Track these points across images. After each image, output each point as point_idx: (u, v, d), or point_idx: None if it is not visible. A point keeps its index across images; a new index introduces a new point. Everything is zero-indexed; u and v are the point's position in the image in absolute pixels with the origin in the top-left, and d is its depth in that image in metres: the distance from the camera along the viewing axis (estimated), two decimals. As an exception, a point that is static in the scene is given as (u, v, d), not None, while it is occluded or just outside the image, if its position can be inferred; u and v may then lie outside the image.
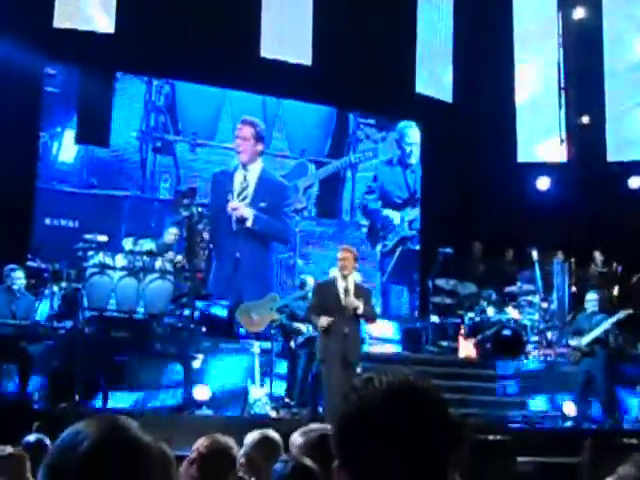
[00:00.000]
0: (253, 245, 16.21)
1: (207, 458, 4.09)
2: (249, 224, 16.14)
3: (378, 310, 17.11)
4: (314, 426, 4.19)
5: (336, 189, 18.27)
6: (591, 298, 13.26)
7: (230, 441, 4.30)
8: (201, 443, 4.15)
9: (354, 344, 10.29)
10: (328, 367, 10.19)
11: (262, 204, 16.31)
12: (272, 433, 5.34)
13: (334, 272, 11.00)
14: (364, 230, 18.24)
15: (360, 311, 10.21)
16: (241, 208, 16.08)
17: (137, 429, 1.72)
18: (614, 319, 13.01)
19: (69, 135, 15.94)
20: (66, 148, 16.05)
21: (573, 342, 13.04)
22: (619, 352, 13.92)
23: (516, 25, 18.24)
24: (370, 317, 10.81)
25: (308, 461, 3.73)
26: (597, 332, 12.82)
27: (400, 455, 1.69)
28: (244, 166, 16.33)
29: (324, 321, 10.13)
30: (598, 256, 16.39)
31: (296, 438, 4.27)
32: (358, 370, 11.08)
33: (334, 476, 1.78)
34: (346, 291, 10.24)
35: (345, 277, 10.32)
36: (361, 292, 10.48)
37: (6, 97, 14.59)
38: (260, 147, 16.61)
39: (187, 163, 16.85)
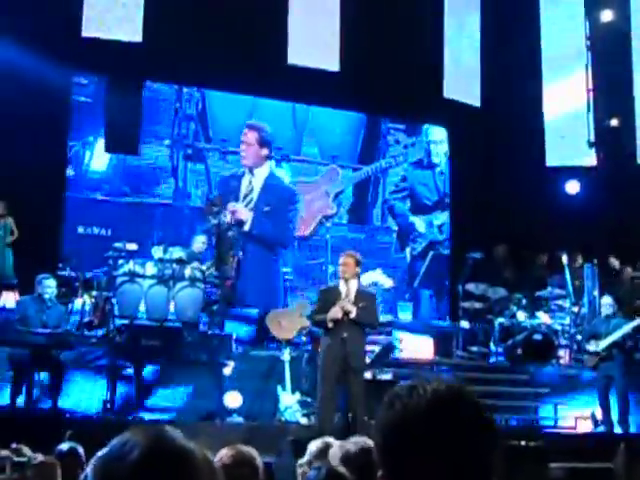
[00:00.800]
0: (255, 249, 16.14)
1: (231, 468, 4.08)
2: (246, 227, 16.11)
3: (408, 316, 17.16)
4: (353, 439, 4.19)
5: (367, 195, 18.31)
6: (606, 302, 13.11)
7: (253, 451, 4.29)
8: (224, 453, 4.14)
9: (355, 349, 10.04)
10: (324, 371, 10.03)
11: (266, 208, 16.30)
12: (333, 441, 5.37)
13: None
14: (394, 235, 18.25)
15: (352, 315, 9.95)
16: (239, 211, 16.05)
17: (182, 438, 1.72)
18: (635, 324, 12.83)
19: (101, 144, 16.05)
20: (98, 157, 16.24)
21: (591, 347, 12.91)
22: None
23: (544, 29, 18.16)
24: (366, 322, 10.34)
25: (342, 469, 3.73)
26: (616, 336, 12.66)
27: (445, 464, 1.69)
28: (250, 170, 16.34)
29: (336, 312, 9.93)
30: (613, 261, 16.27)
31: (335, 451, 4.27)
32: (365, 376, 11.07)
33: None
34: (347, 295, 10.11)
35: (346, 281, 10.21)
36: (362, 297, 10.23)
37: (35, 107, 14.67)
38: (265, 152, 16.59)
39: (218, 170, 16.93)
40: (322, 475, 3.81)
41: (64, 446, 5.79)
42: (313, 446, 5.45)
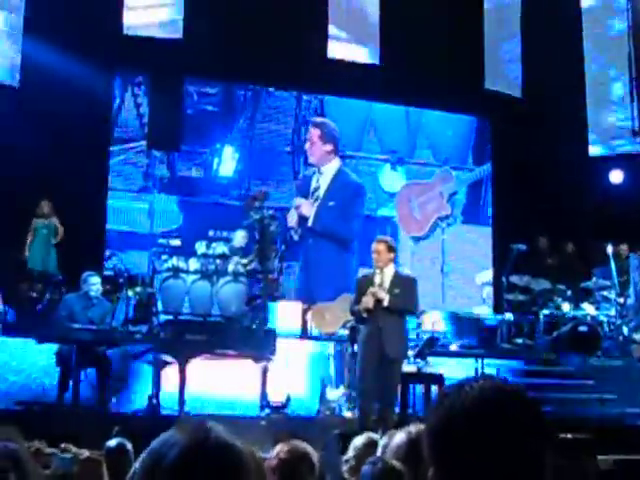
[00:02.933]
0: (324, 246, 16.19)
1: (288, 464, 4.09)
2: (309, 223, 16.14)
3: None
4: (411, 428, 4.18)
5: (479, 196, 18.60)
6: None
7: (308, 447, 4.30)
8: (280, 449, 4.15)
9: (392, 339, 9.95)
10: (363, 363, 10.00)
11: (330, 203, 16.29)
12: (376, 436, 5.38)
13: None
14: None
15: (385, 303, 9.88)
16: (304, 206, 16.05)
17: (228, 434, 1.70)
18: None
19: (229, 150, 16.91)
20: (225, 162, 16.87)
21: (637, 336, 12.80)
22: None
23: (585, 15, 18.00)
24: (402, 309, 10.23)
25: (396, 463, 3.72)
26: None
27: (496, 462, 1.68)
28: (318, 169, 16.36)
29: (367, 301, 9.85)
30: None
31: (388, 445, 4.26)
32: (409, 369, 11.02)
33: None
34: (380, 282, 10.01)
35: (381, 270, 10.09)
36: (400, 282, 10.13)
37: (79, 107, 14.78)
38: (329, 147, 16.51)
39: (352, 176, 16.99)
40: (377, 469, 3.81)
41: (112, 442, 5.82)
42: (358, 441, 5.46)
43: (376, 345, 9.86)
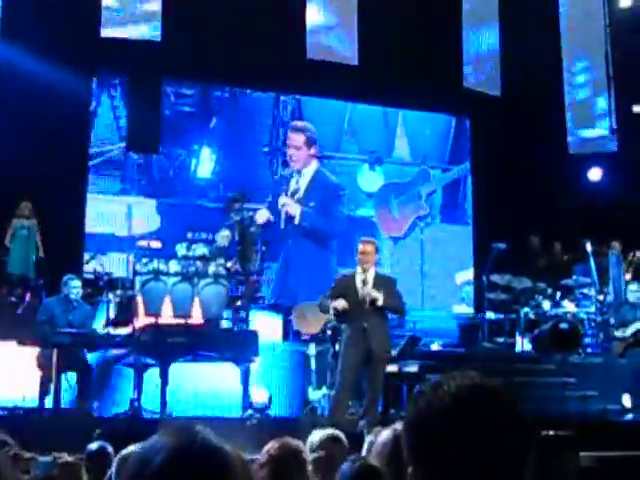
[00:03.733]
0: (305, 245, 16.21)
1: (278, 461, 4.08)
2: (297, 221, 16.15)
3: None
4: (397, 426, 4.17)
5: (457, 195, 18.70)
6: (633, 289, 13.07)
7: (300, 444, 4.29)
8: (271, 446, 4.15)
9: (378, 339, 9.97)
10: (345, 362, 9.97)
11: (311, 204, 16.33)
12: (336, 432, 5.35)
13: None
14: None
15: (380, 303, 9.88)
16: (288, 204, 16.07)
17: (215, 437, 1.67)
18: None
19: (206, 152, 16.93)
20: (203, 164, 16.90)
21: (618, 333, 12.87)
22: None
23: (564, 15, 18.05)
24: (394, 309, 10.38)
25: (375, 462, 3.72)
26: None
27: (474, 460, 1.66)
28: (298, 172, 16.37)
29: (338, 303, 9.82)
30: (617, 246, 16.12)
31: (374, 439, 4.25)
32: (391, 368, 11.01)
33: None
34: (364, 282, 10.00)
35: (365, 271, 10.08)
36: (382, 282, 10.15)
37: (56, 109, 14.72)
38: (313, 151, 16.60)
39: (330, 176, 17.18)
40: (356, 468, 3.81)
41: (93, 445, 5.80)
42: (315, 437, 5.41)
43: (361, 345, 9.86)
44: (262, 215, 15.48)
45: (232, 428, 10.31)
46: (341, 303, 9.88)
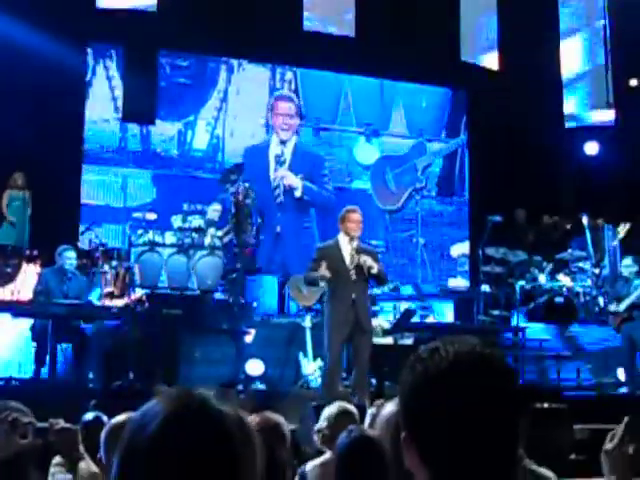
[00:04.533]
0: (293, 216, 16.23)
1: (258, 435, 4.08)
2: (298, 193, 16.16)
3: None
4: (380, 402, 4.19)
5: (454, 167, 18.65)
6: (627, 263, 13.08)
7: (280, 418, 4.30)
8: (251, 420, 4.15)
9: (364, 310, 9.95)
10: (334, 334, 9.86)
11: (299, 176, 16.35)
12: (349, 406, 5.37)
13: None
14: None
15: (374, 271, 9.81)
16: (289, 177, 16.09)
17: (214, 401, 1.64)
18: None
19: (202, 124, 16.84)
20: (199, 136, 16.86)
21: (612, 307, 12.89)
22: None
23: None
24: (383, 278, 10.33)
25: (373, 432, 3.73)
26: (634, 297, 12.60)
27: (469, 426, 1.66)
28: (283, 142, 16.36)
29: (324, 270, 9.64)
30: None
31: (377, 411, 4.27)
32: (386, 341, 11.02)
33: (403, 448, 1.75)
34: (357, 251, 9.84)
35: (352, 239, 9.93)
36: (367, 252, 10.03)
37: (52, 80, 14.66)
38: (299, 121, 16.69)
39: (312, 147, 17.29)
40: (352, 439, 3.82)
41: (89, 415, 5.82)
42: (330, 411, 5.46)
43: (350, 316, 9.78)
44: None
45: (223, 399, 10.33)
46: (325, 270, 9.78)
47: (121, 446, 1.60)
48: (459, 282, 17.37)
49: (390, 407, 3.72)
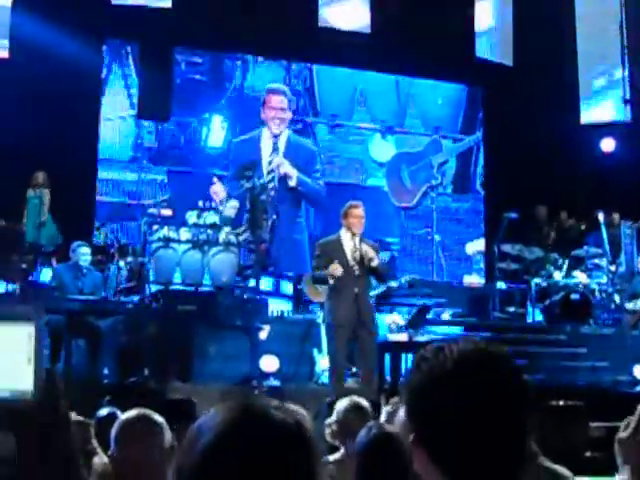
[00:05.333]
0: (285, 208, 16.14)
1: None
2: (292, 183, 16.13)
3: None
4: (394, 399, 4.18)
5: (469, 164, 18.62)
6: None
7: (301, 410, 4.28)
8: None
9: (367, 304, 9.97)
10: (338, 330, 9.81)
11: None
12: (362, 400, 5.36)
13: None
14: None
15: (374, 263, 9.80)
16: (284, 165, 16.06)
17: (275, 411, 1.59)
18: None
19: (217, 120, 16.90)
20: (215, 133, 16.89)
21: (629, 305, 12.83)
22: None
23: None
24: (384, 272, 10.39)
25: (393, 428, 3.71)
26: None
27: (478, 424, 1.65)
28: (275, 136, 16.33)
29: (336, 267, 9.64)
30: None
31: (393, 409, 4.26)
32: (401, 337, 11.00)
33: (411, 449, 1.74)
34: (355, 246, 9.82)
35: (354, 235, 9.92)
36: (370, 247, 10.01)
37: (68, 78, 14.67)
38: (291, 115, 16.73)
39: (326, 144, 17.44)
40: (373, 435, 3.80)
41: (103, 411, 5.81)
42: (341, 405, 5.44)
43: (354, 310, 9.75)
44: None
45: (238, 395, 10.32)
46: (339, 267, 9.75)
47: (179, 455, 1.58)
48: (474, 279, 17.35)
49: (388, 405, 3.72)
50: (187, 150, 16.61)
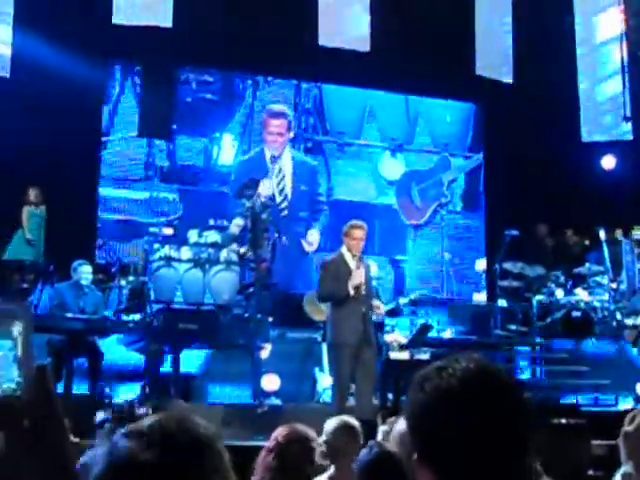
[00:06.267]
0: (292, 227, 16.08)
1: (285, 447, 4.06)
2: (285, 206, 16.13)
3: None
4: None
5: (478, 182, 18.66)
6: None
7: (310, 432, 4.26)
8: (280, 432, 4.13)
9: (371, 324, 9.98)
10: (346, 351, 9.74)
11: (302, 187, 16.36)
12: (351, 420, 5.32)
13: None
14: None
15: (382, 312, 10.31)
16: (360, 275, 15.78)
17: (202, 433, 1.61)
18: None
19: (228, 139, 16.92)
20: (225, 151, 16.90)
21: (629, 321, 12.82)
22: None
23: (576, 1, 17.91)
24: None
25: (393, 448, 3.70)
26: None
27: (482, 443, 1.64)
28: (275, 157, 16.26)
29: (357, 280, 9.73)
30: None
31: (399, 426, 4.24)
32: (402, 356, 11.02)
33: (415, 468, 1.74)
34: (357, 269, 9.82)
35: (354, 256, 9.90)
36: (368, 268, 10.22)
37: (70, 96, 14.71)
38: (292, 135, 16.73)
39: (336, 162, 17.48)
40: (374, 454, 3.79)
41: (104, 430, 5.81)
42: (329, 425, 5.39)
43: (360, 329, 9.75)
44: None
45: (242, 415, 10.32)
46: (357, 277, 9.80)
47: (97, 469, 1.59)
48: (483, 297, 17.36)
49: (403, 423, 3.70)
50: (198, 169, 16.63)
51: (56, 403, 1.95)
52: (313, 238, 16.44)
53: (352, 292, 9.76)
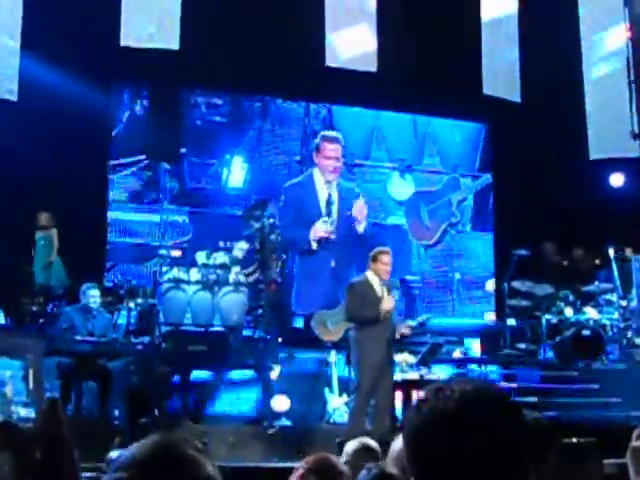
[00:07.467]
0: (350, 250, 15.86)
1: (315, 473, 4.06)
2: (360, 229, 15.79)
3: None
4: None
5: (487, 202, 18.65)
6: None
7: (338, 461, 4.27)
8: (308, 459, 4.14)
9: (392, 345, 10.27)
10: (371, 373, 9.97)
11: (348, 212, 16.24)
12: (371, 442, 5.33)
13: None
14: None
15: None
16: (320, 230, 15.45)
17: (191, 451, 1.61)
18: None
19: (237, 161, 16.82)
20: (235, 174, 16.80)
21: (638, 340, 12.80)
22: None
23: (583, 19, 17.94)
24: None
25: (393, 469, 3.68)
26: None
27: (480, 464, 1.63)
28: (329, 182, 15.95)
29: (389, 304, 10.06)
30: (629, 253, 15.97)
31: (395, 445, 4.24)
32: (412, 376, 11.09)
33: None
34: (389, 293, 10.22)
35: (380, 280, 10.19)
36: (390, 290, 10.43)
37: (78, 119, 14.76)
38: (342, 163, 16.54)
39: (347, 183, 17.04)
40: (372, 476, 3.78)
41: (113, 454, 5.79)
42: (350, 447, 5.42)
43: (385, 352, 9.93)
44: (318, 229, 15.16)
45: (253, 436, 10.31)
46: (389, 303, 10.09)
47: None
48: (492, 316, 17.33)
49: (400, 441, 3.69)
50: (208, 191, 16.66)
51: (67, 436, 1.96)
52: None
53: (382, 316, 9.96)
